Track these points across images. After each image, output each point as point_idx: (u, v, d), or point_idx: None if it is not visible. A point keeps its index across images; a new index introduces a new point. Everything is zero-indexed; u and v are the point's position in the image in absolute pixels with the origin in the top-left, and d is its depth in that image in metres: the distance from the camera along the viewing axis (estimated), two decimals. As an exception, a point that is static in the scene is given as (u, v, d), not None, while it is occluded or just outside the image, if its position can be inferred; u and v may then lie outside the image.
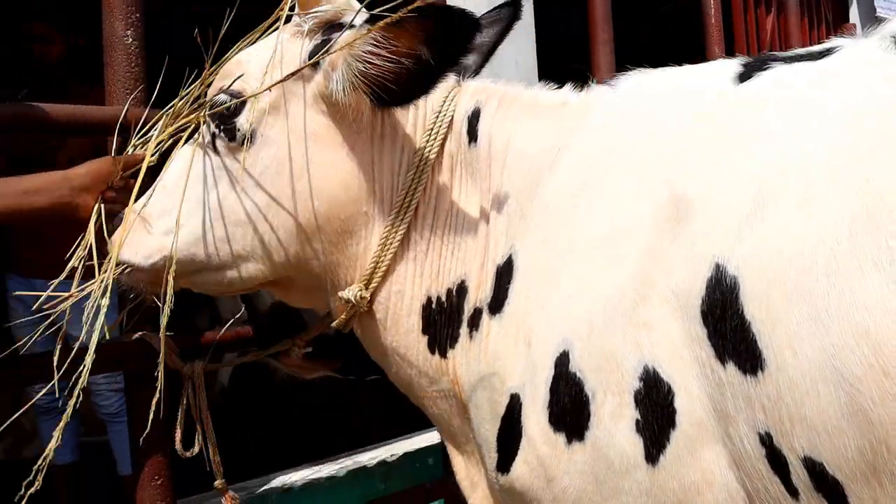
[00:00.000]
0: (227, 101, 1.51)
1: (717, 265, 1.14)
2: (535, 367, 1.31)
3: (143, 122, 1.72)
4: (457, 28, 1.31)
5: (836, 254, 1.04)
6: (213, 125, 1.54)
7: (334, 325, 1.61)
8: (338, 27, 1.51)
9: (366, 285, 1.51)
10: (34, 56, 3.60)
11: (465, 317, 1.48)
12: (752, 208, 1.14)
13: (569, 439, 1.26)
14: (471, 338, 1.46)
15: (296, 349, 1.85)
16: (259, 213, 1.50)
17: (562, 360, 1.27)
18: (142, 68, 1.93)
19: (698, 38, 3.93)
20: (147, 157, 1.61)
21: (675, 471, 1.18)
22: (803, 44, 4.97)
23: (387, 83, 1.39)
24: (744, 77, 1.33)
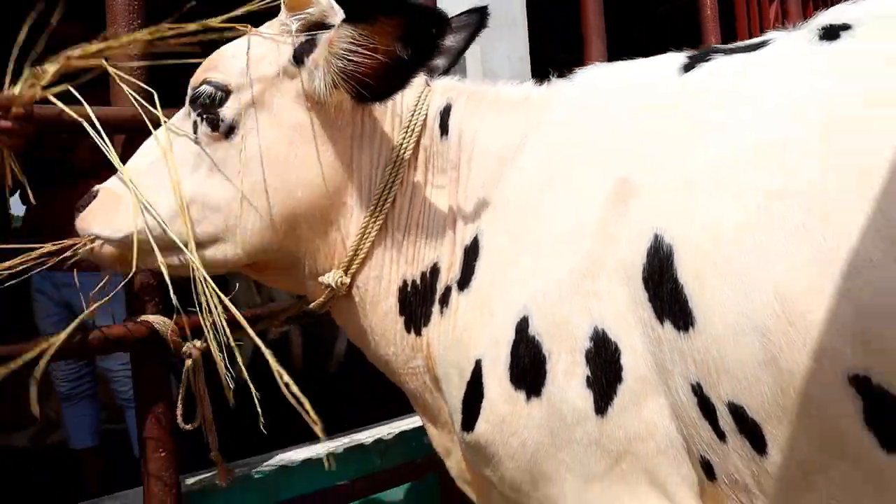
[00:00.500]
0: (212, 92, 1.62)
1: (656, 236, 1.29)
2: (498, 333, 1.45)
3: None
4: (429, 25, 1.42)
5: (759, 230, 1.18)
6: (194, 113, 1.65)
7: (311, 307, 1.73)
8: (322, 27, 1.64)
9: (345, 271, 1.64)
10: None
11: (437, 296, 1.61)
12: (688, 191, 1.28)
13: (528, 396, 1.40)
14: (441, 314, 1.59)
15: (273, 328, 2.00)
16: (239, 200, 1.61)
17: (522, 326, 1.41)
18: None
19: (695, 37, 4.01)
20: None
21: (621, 421, 1.32)
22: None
23: (366, 80, 1.50)
24: (688, 68, 1.46)
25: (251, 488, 2.46)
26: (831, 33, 1.30)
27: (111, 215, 1.66)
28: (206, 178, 1.62)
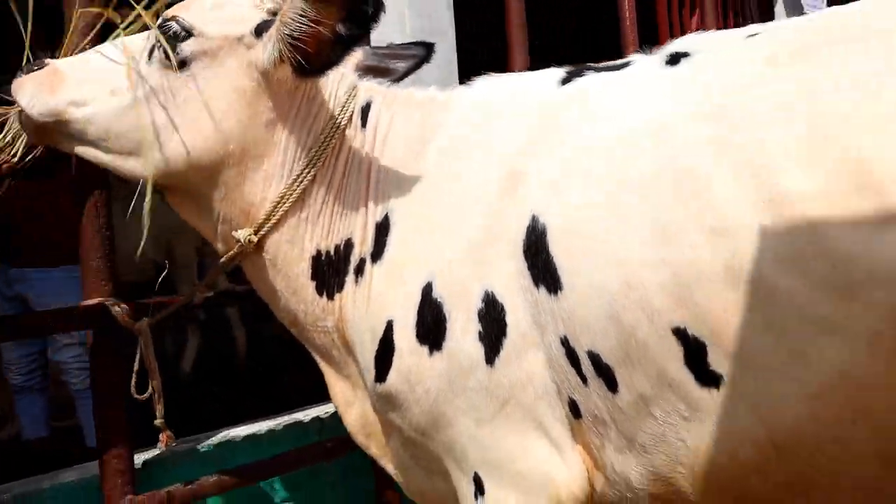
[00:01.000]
0: (178, 29, 1.79)
1: (534, 217, 1.59)
2: (407, 298, 1.72)
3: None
4: (367, 5, 1.65)
5: (608, 215, 1.48)
6: (156, 40, 1.81)
7: (222, 260, 1.95)
8: None
9: (255, 231, 1.85)
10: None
11: (351, 267, 1.86)
12: (559, 181, 1.59)
13: (431, 350, 1.68)
14: (357, 283, 1.85)
15: (199, 294, 2.26)
16: (166, 129, 1.80)
17: (427, 291, 1.70)
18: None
19: (617, 45, 4.34)
20: None
21: (506, 370, 1.61)
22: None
23: (308, 53, 1.72)
24: (565, 82, 1.77)
25: (198, 461, 2.70)
26: (675, 59, 1.62)
27: (45, 92, 1.84)
28: (146, 99, 1.81)
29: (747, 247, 1.33)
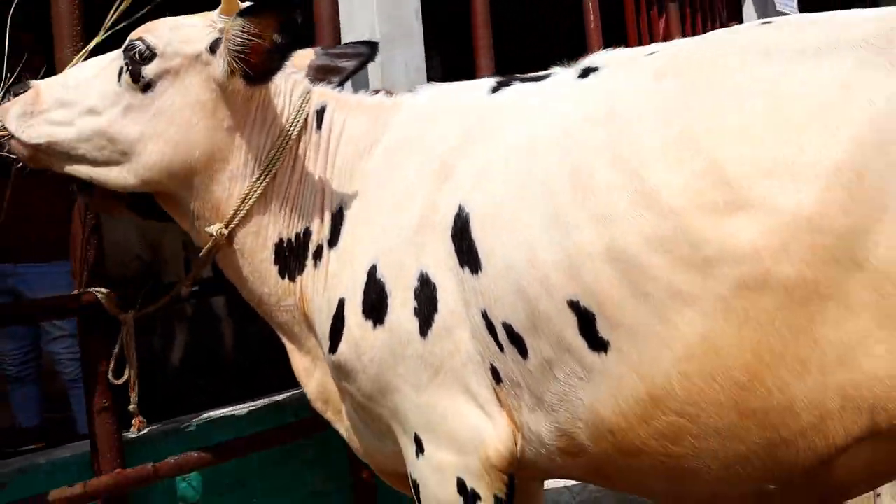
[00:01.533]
0: (143, 49, 2.07)
1: (460, 206, 1.88)
2: (356, 278, 2.02)
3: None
4: (296, 15, 1.94)
5: (518, 205, 1.77)
6: (123, 60, 2.09)
7: (201, 255, 2.23)
8: None
9: (226, 225, 2.13)
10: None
11: (310, 252, 2.15)
12: (483, 171, 1.88)
13: (374, 324, 1.97)
14: (315, 266, 2.14)
15: (184, 289, 2.54)
16: (140, 142, 2.08)
17: (372, 272, 1.99)
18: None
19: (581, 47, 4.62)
20: None
21: (437, 341, 1.90)
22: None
23: (254, 64, 2.00)
24: (496, 90, 2.06)
25: (182, 439, 2.98)
26: (585, 73, 1.92)
27: (29, 114, 2.11)
28: (120, 117, 2.09)
29: (624, 232, 1.62)
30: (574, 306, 1.68)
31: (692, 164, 1.58)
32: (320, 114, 2.22)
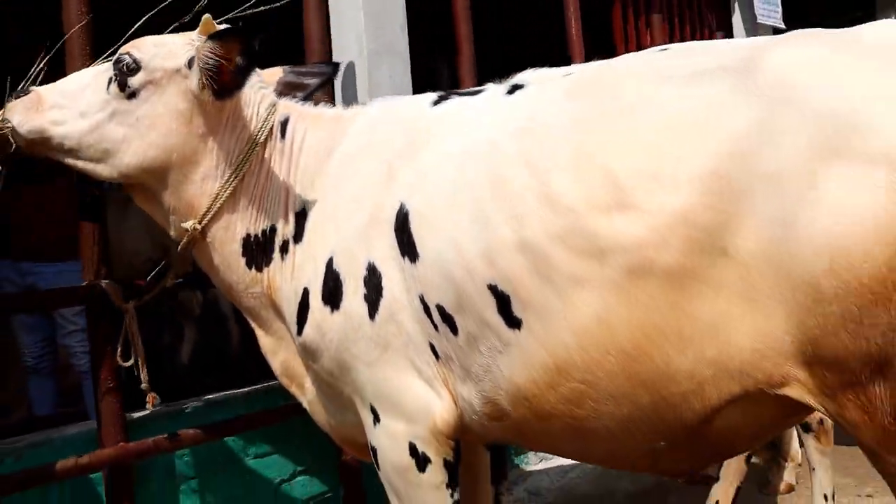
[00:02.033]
0: (130, 62, 2.39)
1: (402, 204, 2.21)
2: (316, 269, 2.35)
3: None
4: (256, 40, 2.28)
5: (449, 204, 2.09)
6: (112, 71, 2.42)
7: (179, 248, 2.56)
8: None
9: (199, 221, 2.46)
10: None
11: (276, 247, 2.48)
12: (421, 174, 2.21)
13: (332, 310, 2.30)
14: (283, 259, 2.47)
15: (170, 281, 2.93)
16: (124, 143, 2.42)
17: (330, 264, 2.32)
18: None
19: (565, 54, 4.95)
20: None
21: (384, 323, 2.22)
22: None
23: (220, 80, 2.32)
24: (436, 103, 2.39)
25: (182, 419, 3.34)
26: (512, 90, 2.24)
27: (30, 112, 2.46)
28: (107, 120, 2.42)
29: (532, 227, 1.94)
30: (493, 290, 2.01)
31: (589, 171, 1.90)
32: (284, 124, 2.55)
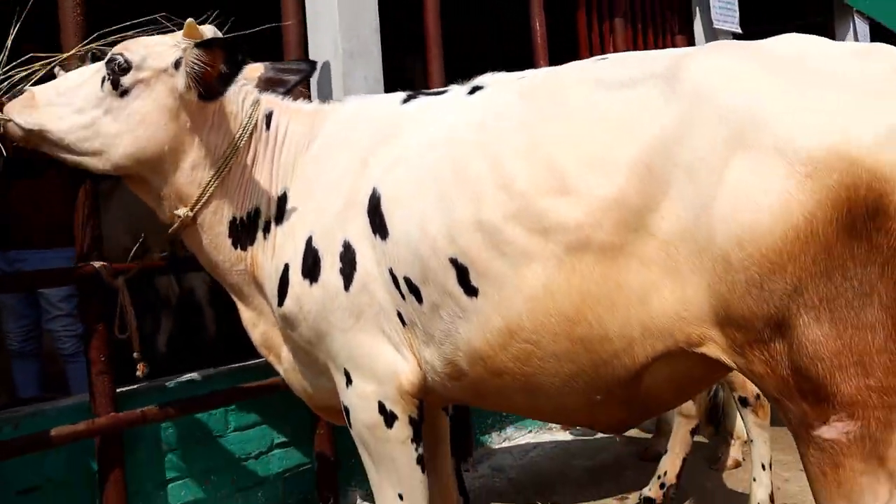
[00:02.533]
0: (122, 62, 2.63)
1: (374, 187, 2.53)
2: (296, 247, 2.65)
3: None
4: (239, 54, 2.57)
5: (416, 189, 2.42)
6: (106, 70, 2.65)
7: (169, 231, 2.83)
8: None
9: (191, 209, 2.75)
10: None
11: (260, 228, 2.79)
12: (392, 163, 2.53)
13: (310, 283, 2.61)
14: (265, 239, 2.78)
15: (156, 257, 3.27)
16: (117, 137, 2.67)
17: (309, 241, 2.63)
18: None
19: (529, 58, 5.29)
20: None
21: (358, 294, 2.54)
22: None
23: (205, 84, 2.57)
24: (405, 101, 2.72)
25: (168, 392, 3.63)
26: (473, 90, 2.58)
27: (28, 110, 2.70)
28: (101, 116, 2.67)
29: (488, 208, 2.27)
30: (454, 262, 2.34)
31: (536, 160, 2.24)
32: (268, 118, 2.85)
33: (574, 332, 2.22)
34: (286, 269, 2.67)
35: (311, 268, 2.60)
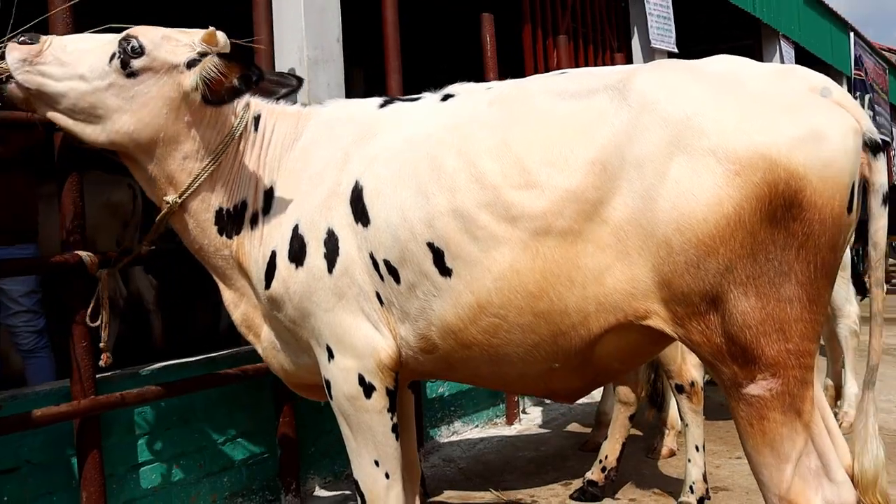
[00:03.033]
0: (136, 45, 2.82)
1: (356, 180, 2.85)
2: (283, 235, 2.95)
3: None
4: (253, 73, 2.88)
5: (396, 181, 2.77)
6: (118, 48, 2.83)
7: (158, 218, 3.08)
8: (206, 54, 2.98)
9: (180, 196, 2.99)
10: None
11: (247, 218, 3.07)
12: (372, 159, 2.86)
13: (296, 266, 2.90)
14: (252, 229, 3.07)
15: (144, 248, 3.45)
16: (117, 113, 2.86)
17: (295, 229, 2.93)
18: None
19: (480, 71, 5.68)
20: None
21: (340, 276, 2.85)
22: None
23: (214, 90, 2.83)
24: (382, 105, 3.07)
25: (144, 379, 3.88)
26: (446, 97, 2.94)
27: (28, 64, 2.82)
28: (105, 89, 2.85)
29: (463, 198, 2.62)
30: (430, 246, 2.68)
31: (505, 158, 2.60)
32: (257, 119, 3.16)
33: (537, 306, 2.58)
34: (273, 255, 2.97)
35: (298, 253, 2.91)
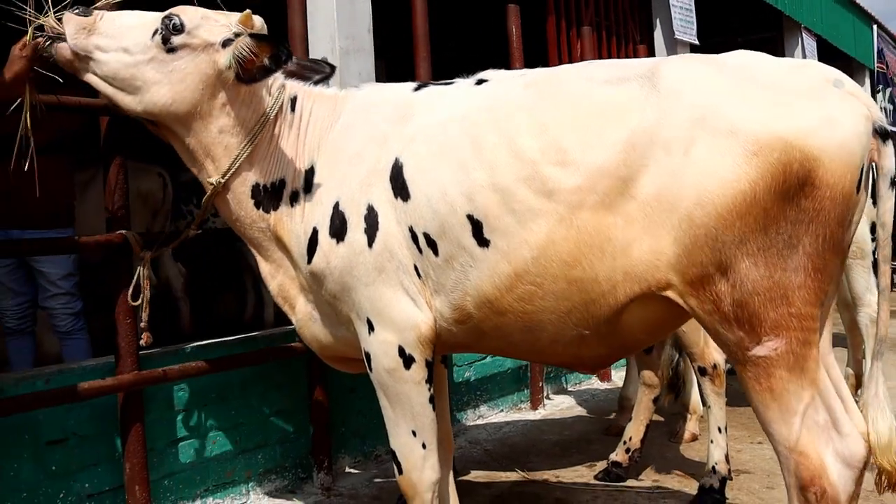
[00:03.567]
0: (178, 23, 3.01)
1: (396, 159, 3.04)
2: (325, 212, 3.13)
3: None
4: (281, 52, 3.06)
5: (436, 158, 2.96)
6: (160, 24, 3.02)
7: (204, 200, 3.25)
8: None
9: (223, 176, 3.16)
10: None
11: (286, 195, 3.24)
12: (410, 138, 3.04)
13: (337, 242, 3.08)
14: (292, 206, 3.24)
15: (191, 233, 3.65)
16: (155, 84, 3.04)
17: (336, 206, 3.11)
18: None
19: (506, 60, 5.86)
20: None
21: (380, 251, 3.03)
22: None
23: (246, 69, 2.99)
24: (417, 89, 3.26)
25: (179, 358, 4.09)
26: (480, 82, 3.12)
27: (83, 33, 3.03)
28: (145, 63, 3.05)
29: (502, 173, 2.80)
30: (470, 218, 2.85)
31: (543, 137, 2.78)
32: (293, 101, 3.32)
33: (571, 274, 2.76)
34: (315, 231, 3.15)
35: (339, 229, 3.09)
